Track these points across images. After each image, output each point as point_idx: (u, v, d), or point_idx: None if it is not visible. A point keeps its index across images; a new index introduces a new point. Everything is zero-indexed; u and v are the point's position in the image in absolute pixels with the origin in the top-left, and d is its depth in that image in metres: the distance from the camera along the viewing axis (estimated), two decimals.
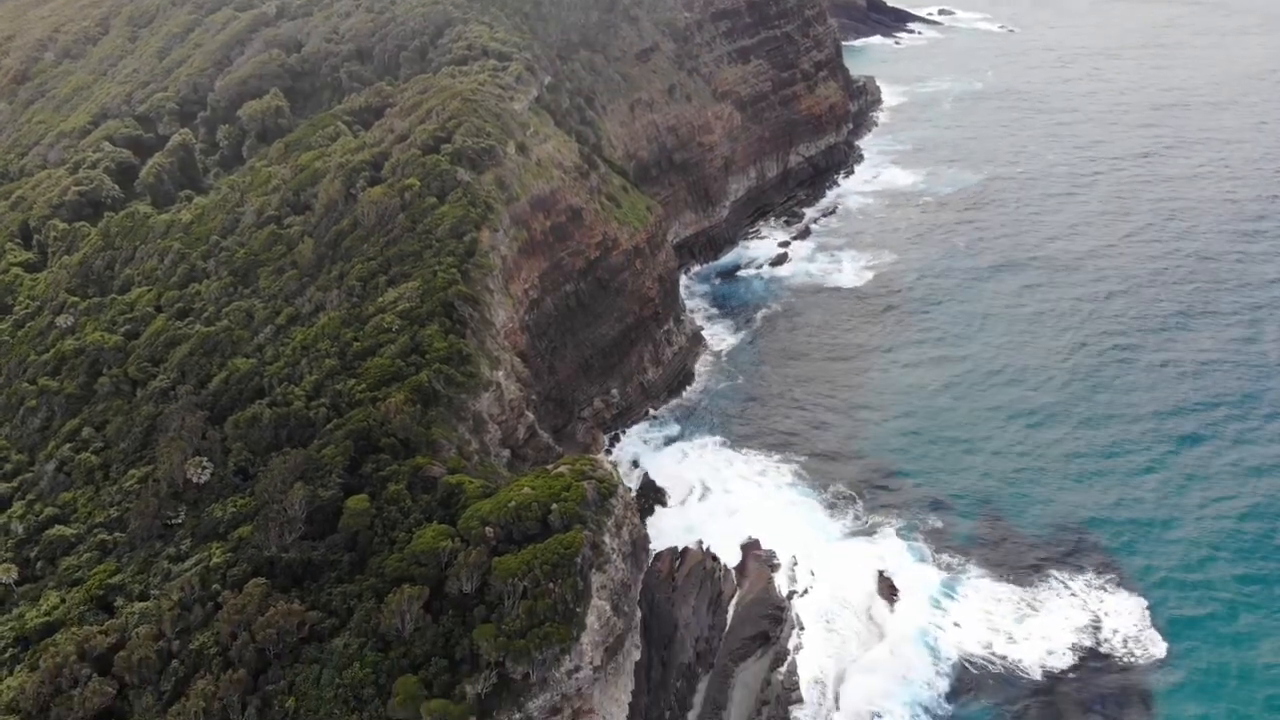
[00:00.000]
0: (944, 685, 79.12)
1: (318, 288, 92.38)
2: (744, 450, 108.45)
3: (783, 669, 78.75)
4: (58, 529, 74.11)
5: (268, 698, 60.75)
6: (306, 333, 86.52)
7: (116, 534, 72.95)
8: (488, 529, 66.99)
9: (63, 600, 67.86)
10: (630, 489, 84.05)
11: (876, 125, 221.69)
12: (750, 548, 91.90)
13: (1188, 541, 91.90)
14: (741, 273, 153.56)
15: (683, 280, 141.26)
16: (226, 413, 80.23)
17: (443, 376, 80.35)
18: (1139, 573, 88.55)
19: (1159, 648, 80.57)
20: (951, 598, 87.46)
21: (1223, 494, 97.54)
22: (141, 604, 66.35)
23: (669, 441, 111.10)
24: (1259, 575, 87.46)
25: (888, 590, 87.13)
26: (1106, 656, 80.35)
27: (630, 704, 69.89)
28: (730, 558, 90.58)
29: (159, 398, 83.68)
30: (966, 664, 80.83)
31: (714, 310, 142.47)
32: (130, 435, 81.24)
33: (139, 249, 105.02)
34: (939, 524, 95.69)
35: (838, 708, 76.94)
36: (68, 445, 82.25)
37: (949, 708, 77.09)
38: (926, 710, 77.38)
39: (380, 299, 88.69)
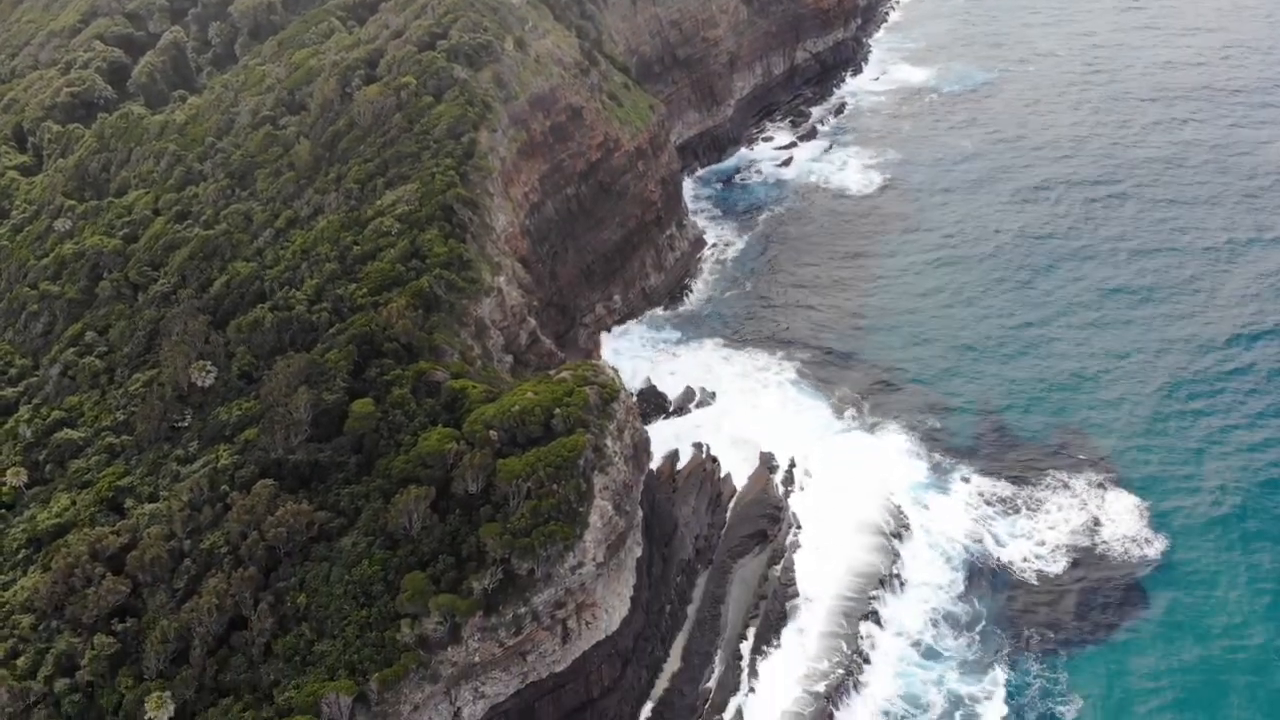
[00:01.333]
0: (941, 581, 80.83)
1: (315, 190, 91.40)
2: (746, 353, 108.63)
3: (780, 565, 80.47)
4: (65, 432, 74.94)
5: (279, 594, 62.31)
6: (306, 236, 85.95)
7: (124, 437, 73.77)
8: (492, 432, 67.69)
9: (73, 502, 69.04)
10: (632, 393, 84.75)
11: (887, 21, 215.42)
12: (750, 447, 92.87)
13: (1186, 443, 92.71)
14: (746, 175, 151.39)
15: (686, 183, 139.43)
16: (228, 317, 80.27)
17: (444, 282, 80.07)
18: (1137, 473, 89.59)
19: (1156, 547, 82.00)
20: (950, 496, 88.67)
21: (1222, 396, 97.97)
22: (151, 505, 67.53)
23: (671, 346, 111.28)
24: (1257, 476, 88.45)
25: (885, 490, 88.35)
26: (1104, 555, 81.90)
27: (632, 598, 71.71)
28: (729, 459, 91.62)
29: (160, 302, 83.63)
30: (964, 561, 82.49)
31: (718, 213, 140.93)
32: (133, 339, 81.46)
33: (134, 151, 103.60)
34: (939, 424, 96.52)
35: (835, 597, 78.63)
36: (71, 350, 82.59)
37: (946, 603, 78.86)
38: (925, 599, 79.03)
39: (378, 202, 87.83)
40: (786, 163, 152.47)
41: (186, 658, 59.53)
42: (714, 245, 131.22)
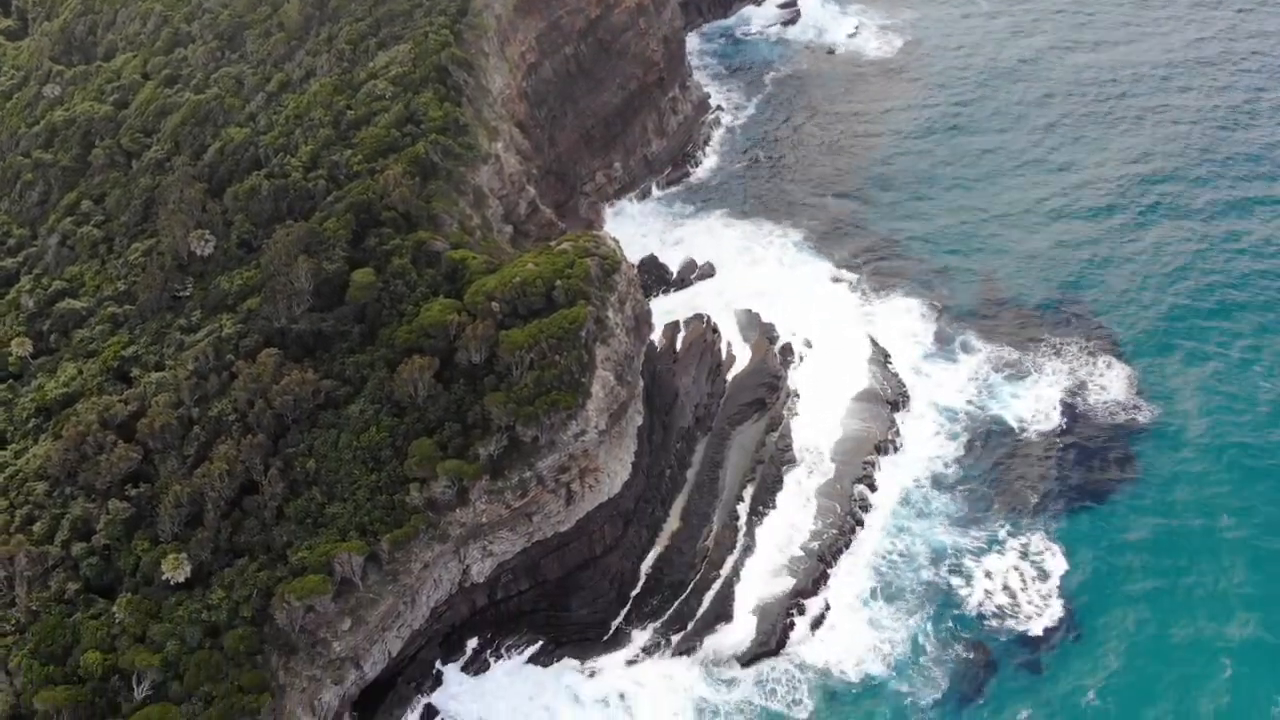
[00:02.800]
0: (937, 442, 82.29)
1: (307, 52, 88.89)
2: (751, 222, 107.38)
3: (777, 432, 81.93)
4: (68, 302, 75.13)
5: (288, 460, 63.79)
6: (299, 100, 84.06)
7: (126, 306, 74.01)
8: (493, 303, 67.90)
9: (80, 372, 69.82)
10: (633, 264, 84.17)
11: None
12: (751, 319, 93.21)
13: (1182, 314, 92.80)
14: (751, 33, 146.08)
15: (689, 39, 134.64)
16: (224, 184, 79.32)
17: (440, 148, 78.77)
18: (1132, 341, 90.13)
19: (1148, 413, 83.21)
20: (948, 361, 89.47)
21: (1220, 268, 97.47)
22: (158, 374, 68.33)
23: (673, 215, 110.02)
24: (1252, 345, 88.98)
25: (884, 356, 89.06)
26: (1097, 420, 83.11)
27: (633, 462, 73.45)
28: (730, 329, 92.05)
29: (155, 169, 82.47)
30: (959, 425, 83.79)
31: (723, 72, 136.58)
32: (130, 208, 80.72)
33: (120, 13, 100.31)
34: (941, 292, 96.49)
35: (831, 462, 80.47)
36: (68, 219, 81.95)
37: (939, 465, 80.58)
38: (920, 460, 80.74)
39: (371, 64, 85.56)
40: (793, 20, 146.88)
41: (200, 521, 61.43)
42: (718, 109, 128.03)
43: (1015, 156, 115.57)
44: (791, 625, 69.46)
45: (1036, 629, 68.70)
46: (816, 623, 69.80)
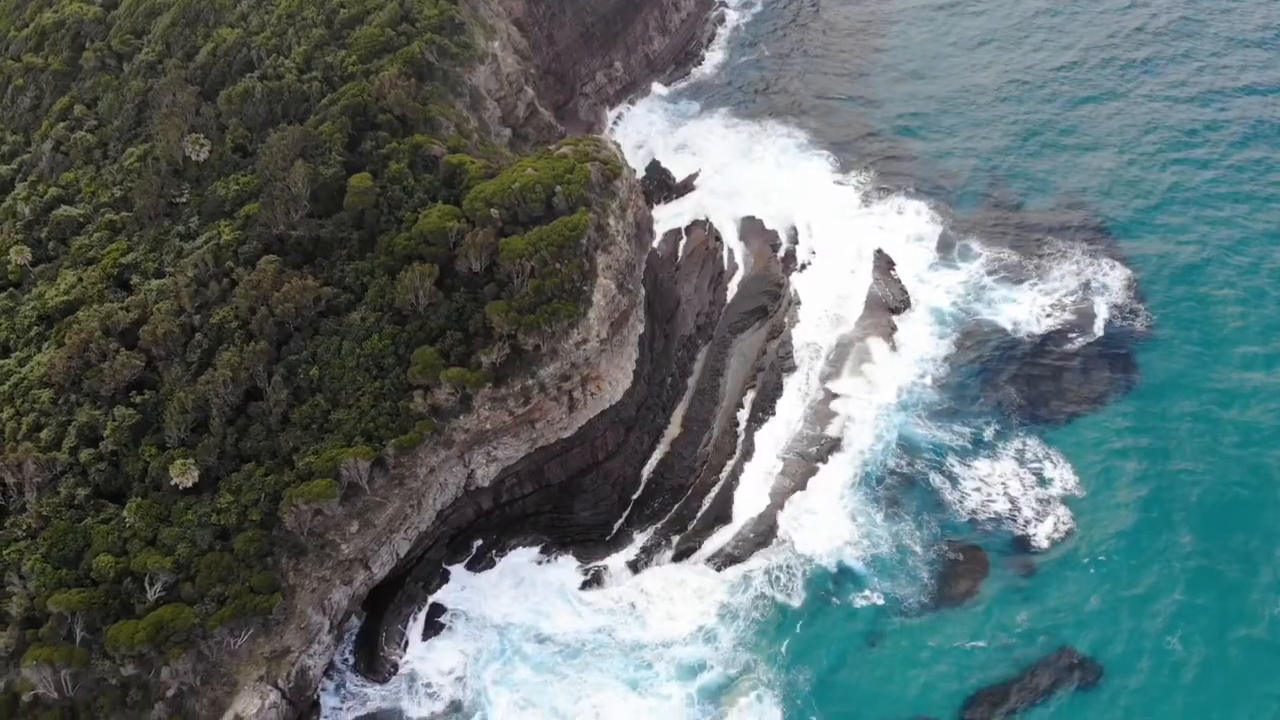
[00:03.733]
0: (932, 346, 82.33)
1: None
2: (756, 123, 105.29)
3: (778, 340, 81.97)
4: (64, 209, 74.41)
5: (291, 367, 64.09)
6: None
7: (123, 213, 73.35)
8: (493, 210, 67.21)
9: (80, 279, 69.57)
10: (634, 170, 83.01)
11: None
12: (754, 226, 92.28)
13: (1186, 219, 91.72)
14: None
15: None
16: (217, 87, 77.79)
17: (435, 47, 76.96)
18: (1134, 246, 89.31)
19: (1147, 319, 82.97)
20: (951, 265, 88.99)
21: (1224, 174, 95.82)
22: (158, 281, 68.14)
23: (675, 116, 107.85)
24: (1254, 253, 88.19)
25: (887, 260, 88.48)
26: (1096, 322, 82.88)
27: (634, 371, 73.79)
28: (733, 236, 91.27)
29: (146, 72, 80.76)
30: (957, 327, 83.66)
31: None
32: (123, 112, 79.31)
33: None
34: (945, 195, 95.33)
35: (831, 363, 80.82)
36: (61, 124, 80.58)
37: (935, 366, 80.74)
38: (919, 363, 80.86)
39: None
40: None
41: (206, 427, 62.05)
42: (723, 5, 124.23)
43: (1027, 55, 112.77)
44: (788, 525, 70.60)
45: (1030, 532, 69.65)
46: (809, 522, 70.74)
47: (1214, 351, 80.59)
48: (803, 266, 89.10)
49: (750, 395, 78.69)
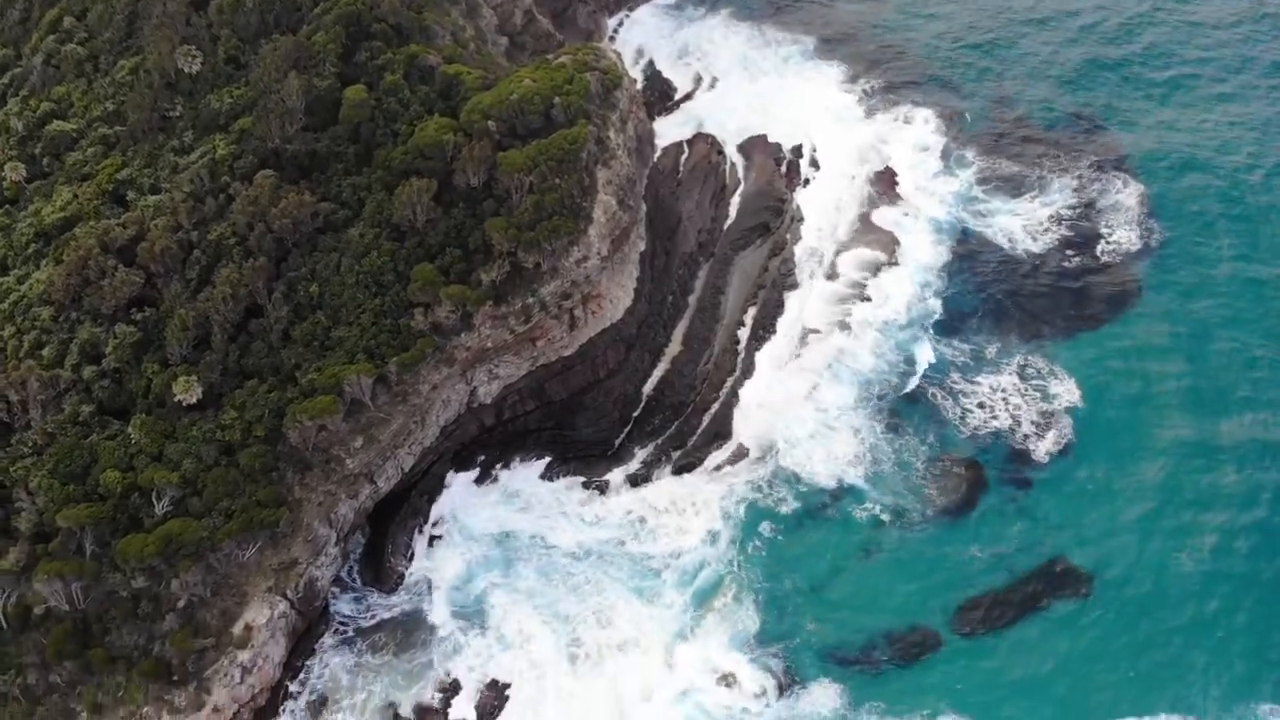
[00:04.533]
0: (940, 255, 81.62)
1: None
2: (759, 31, 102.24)
3: (780, 257, 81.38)
4: (57, 124, 73.28)
5: (291, 284, 63.93)
6: None
7: (117, 128, 72.30)
8: (490, 123, 66.21)
9: (75, 196, 68.89)
10: (635, 80, 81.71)
11: None
12: (757, 139, 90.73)
13: (1198, 135, 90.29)
14: None
15: None
16: None
17: None
18: (1143, 161, 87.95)
19: (1155, 236, 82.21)
20: (954, 176, 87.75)
21: (1245, 91, 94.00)
22: (154, 197, 67.51)
23: (678, 24, 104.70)
24: (1263, 169, 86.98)
25: (891, 172, 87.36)
26: (1102, 237, 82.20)
27: (635, 289, 73.59)
28: (736, 150, 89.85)
29: None
30: (960, 242, 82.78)
31: None
32: (113, 24, 77.53)
33: None
34: (951, 105, 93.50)
35: (830, 282, 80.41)
36: (51, 37, 78.83)
37: (937, 281, 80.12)
38: (921, 277, 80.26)
39: None
40: None
41: (208, 344, 62.17)
42: None
43: None
44: (786, 440, 71.04)
45: (1030, 447, 69.99)
46: (808, 438, 71.18)
47: (1219, 269, 79.97)
48: (806, 181, 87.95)
49: (751, 312, 78.44)
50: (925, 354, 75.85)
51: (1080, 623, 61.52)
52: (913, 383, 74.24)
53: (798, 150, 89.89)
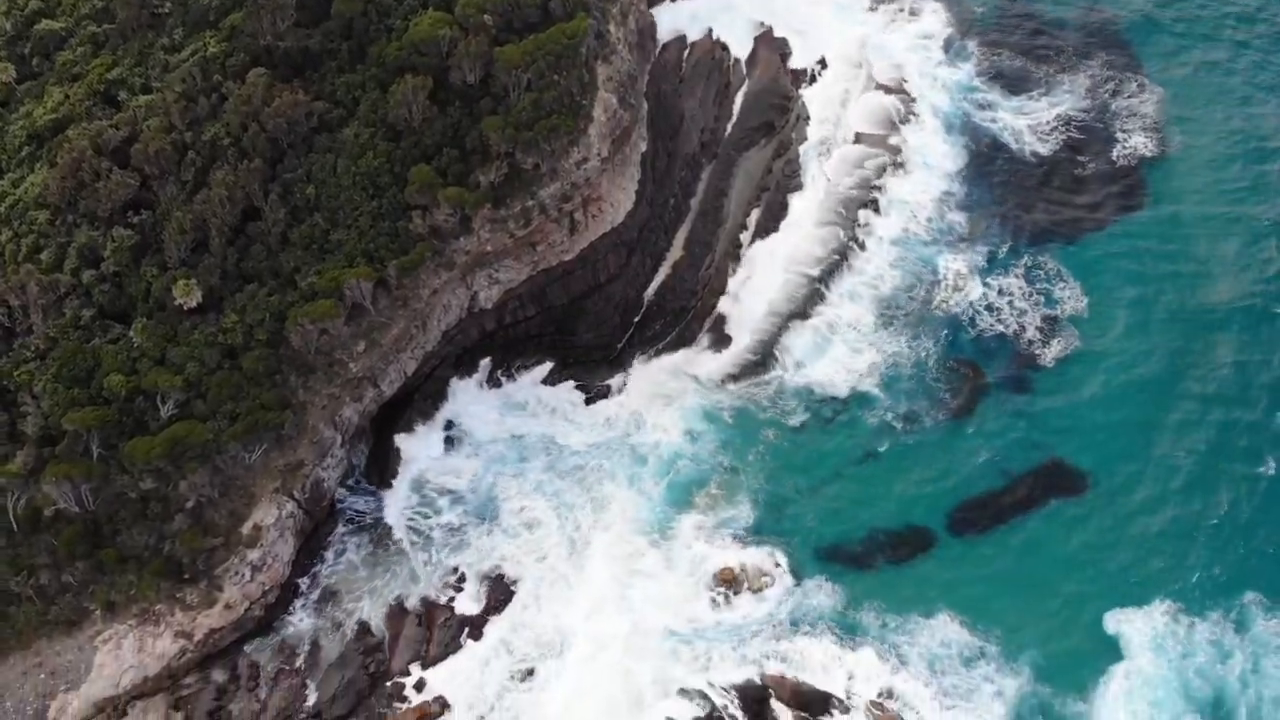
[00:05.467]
0: (942, 164, 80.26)
1: None
2: None
3: (784, 158, 79.99)
4: (45, 24, 71.60)
5: (287, 185, 63.22)
6: None
7: (105, 25, 70.66)
8: (486, 16, 64.47)
9: (66, 97, 67.60)
10: None
11: None
12: (762, 35, 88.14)
13: (1214, 47, 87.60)
14: None
15: None
16: None
17: None
18: (1158, 66, 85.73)
19: (1170, 143, 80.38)
20: (960, 71, 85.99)
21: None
22: (146, 97, 66.28)
23: None
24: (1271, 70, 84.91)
25: (897, 66, 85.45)
26: (1115, 144, 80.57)
27: (637, 191, 72.61)
28: (740, 46, 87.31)
29: None
30: (969, 143, 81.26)
31: None
32: None
33: None
34: (960, 3, 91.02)
35: (835, 184, 79.17)
36: None
37: (945, 185, 78.88)
38: (926, 176, 79.13)
39: None
40: None
41: (206, 247, 61.78)
42: None
43: None
44: (787, 345, 71.16)
45: (1034, 351, 69.79)
46: (810, 343, 71.17)
47: (1235, 175, 78.45)
48: (812, 78, 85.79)
49: (755, 215, 77.52)
50: (930, 255, 75.07)
51: (1076, 521, 62.25)
52: (917, 286, 73.72)
53: (803, 42, 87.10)
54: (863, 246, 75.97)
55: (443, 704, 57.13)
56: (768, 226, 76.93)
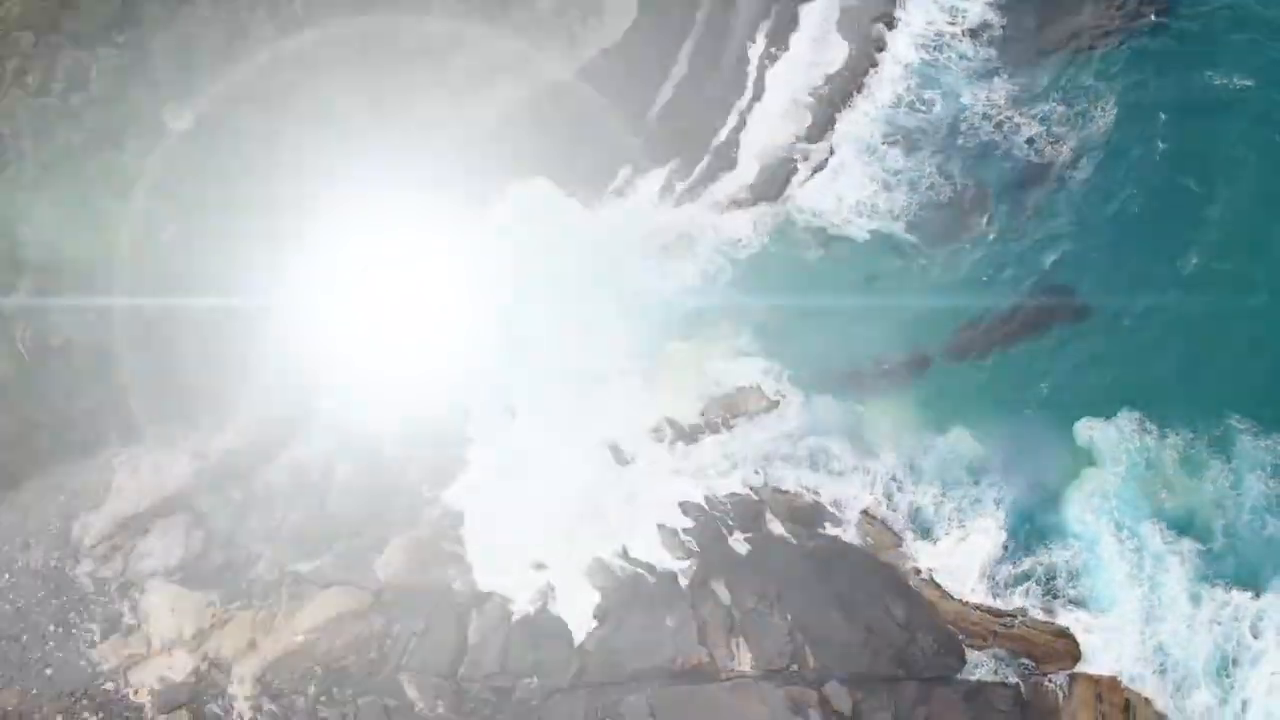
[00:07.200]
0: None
1: None
2: None
3: None
4: None
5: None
6: None
7: None
8: None
9: None
10: None
11: None
12: None
13: None
14: None
15: None
16: None
17: None
18: None
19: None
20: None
21: None
22: None
23: None
24: None
25: None
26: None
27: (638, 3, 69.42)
28: None
29: None
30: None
31: None
32: None
33: None
34: None
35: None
36: None
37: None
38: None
39: None
40: None
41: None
42: None
43: None
44: (795, 171, 69.37)
45: (1042, 162, 67.96)
46: (818, 167, 69.31)
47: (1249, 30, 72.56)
48: None
49: (764, 27, 73.97)
50: (943, 74, 71.98)
51: (1074, 342, 62.48)
52: (928, 106, 70.85)
53: None
54: (874, 63, 72.85)
55: None
56: (777, 40, 73.22)
